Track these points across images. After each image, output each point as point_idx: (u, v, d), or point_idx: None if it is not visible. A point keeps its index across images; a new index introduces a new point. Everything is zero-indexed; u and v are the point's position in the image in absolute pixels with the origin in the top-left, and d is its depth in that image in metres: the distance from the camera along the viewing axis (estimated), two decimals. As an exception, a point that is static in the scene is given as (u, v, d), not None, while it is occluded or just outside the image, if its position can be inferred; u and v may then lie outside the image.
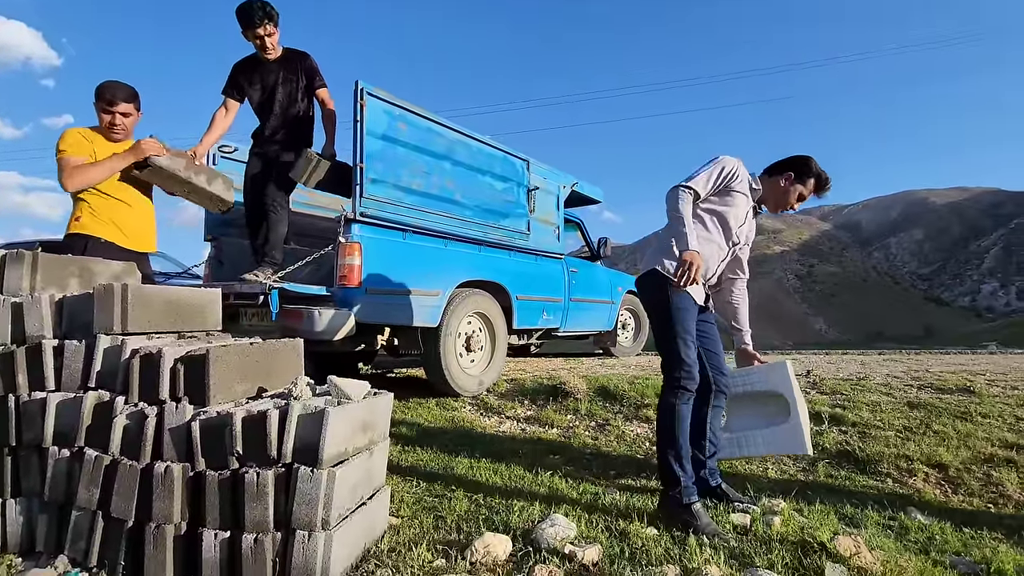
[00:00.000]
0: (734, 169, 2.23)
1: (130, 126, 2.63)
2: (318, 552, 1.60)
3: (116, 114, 2.55)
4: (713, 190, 2.21)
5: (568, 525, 1.98)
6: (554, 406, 3.59)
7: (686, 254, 1.99)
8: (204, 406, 1.77)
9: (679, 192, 2.11)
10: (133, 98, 2.61)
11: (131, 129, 2.65)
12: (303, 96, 3.31)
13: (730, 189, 2.23)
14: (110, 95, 2.54)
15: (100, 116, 2.58)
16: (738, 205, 2.24)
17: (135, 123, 2.66)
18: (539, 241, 4.50)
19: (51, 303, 2.00)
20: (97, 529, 1.76)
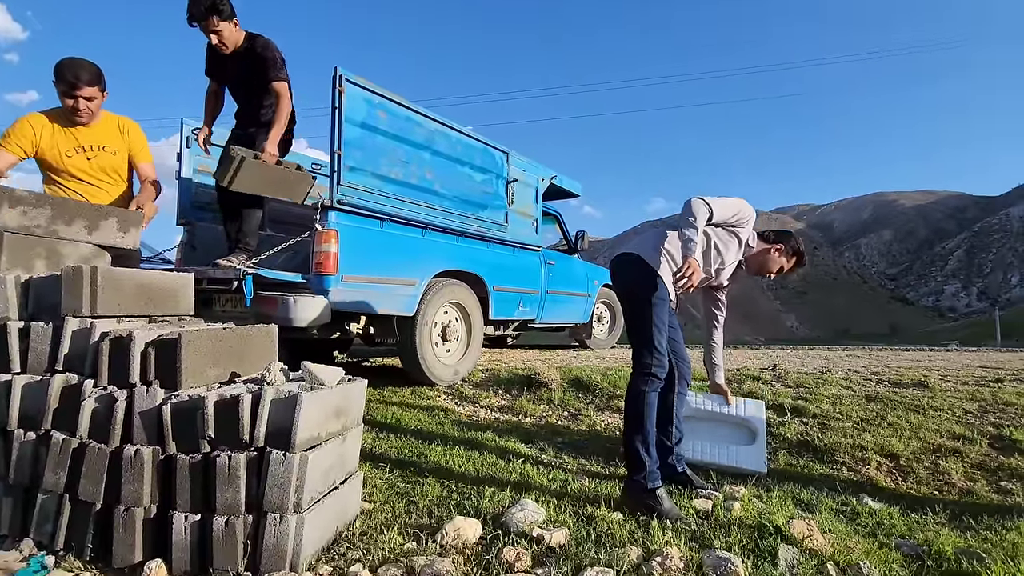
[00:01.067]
0: (748, 216, 2.38)
1: (95, 108, 2.51)
2: (289, 534, 1.62)
3: (79, 98, 2.41)
4: (724, 222, 2.35)
5: (537, 510, 2.03)
6: (528, 396, 3.65)
7: (692, 260, 2.09)
8: (176, 390, 1.77)
9: (701, 204, 2.22)
10: (97, 79, 2.46)
11: (96, 111, 2.54)
12: (263, 89, 3.11)
13: (735, 230, 2.38)
14: (72, 76, 2.38)
15: (62, 100, 2.43)
16: (732, 248, 2.39)
17: (100, 105, 2.55)
18: (517, 233, 4.54)
19: (16, 284, 1.97)
20: (64, 512, 1.75)
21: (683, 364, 2.48)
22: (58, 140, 2.43)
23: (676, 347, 2.46)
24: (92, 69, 2.44)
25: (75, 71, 2.39)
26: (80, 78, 2.40)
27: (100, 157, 2.55)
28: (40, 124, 2.43)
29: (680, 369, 2.47)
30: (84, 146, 2.50)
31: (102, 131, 2.58)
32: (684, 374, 2.50)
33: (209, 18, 2.86)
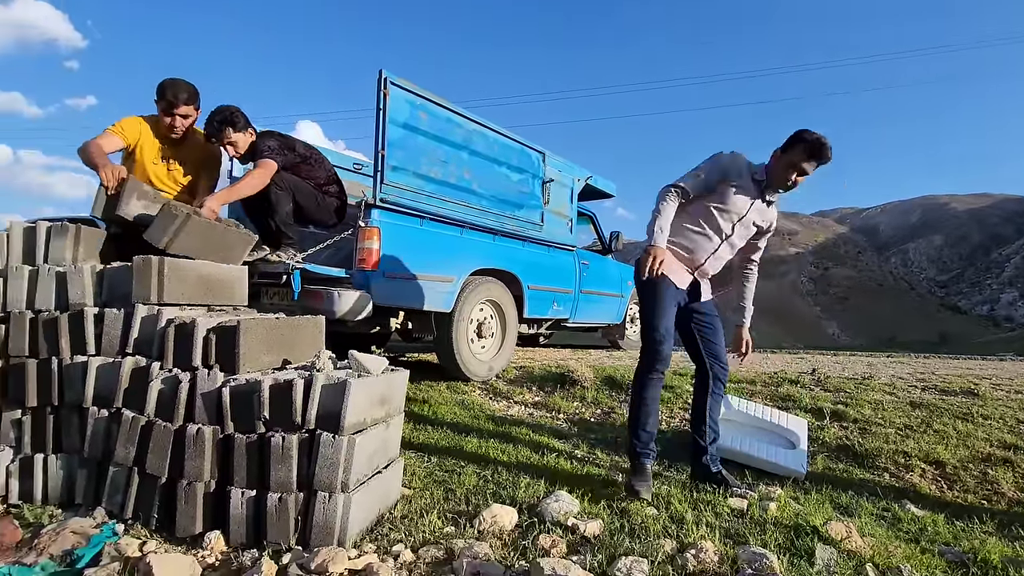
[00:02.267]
0: (726, 166, 2.34)
1: (189, 125, 2.70)
2: (337, 512, 1.72)
3: (177, 116, 2.59)
4: (704, 187, 2.33)
5: (572, 501, 2.08)
6: (561, 393, 3.69)
7: (650, 248, 2.19)
8: (234, 374, 1.89)
9: (665, 191, 2.30)
10: (194, 99, 2.64)
11: (189, 128, 2.72)
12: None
13: (725, 184, 2.33)
14: (172, 96, 2.56)
15: (162, 116, 2.62)
16: (732, 200, 2.33)
17: (193, 122, 2.73)
18: (552, 232, 4.58)
19: (92, 273, 2.13)
20: (133, 484, 1.89)
21: (717, 364, 2.47)
22: (155, 147, 2.61)
23: (710, 347, 2.47)
24: (190, 89, 2.63)
25: (175, 91, 2.58)
26: (179, 98, 2.58)
27: (178, 171, 2.73)
28: (144, 126, 2.63)
29: (714, 370, 2.46)
30: (169, 158, 2.68)
31: (188, 148, 2.78)
32: (719, 375, 2.47)
33: (223, 131, 2.83)
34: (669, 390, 3.63)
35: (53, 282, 2.14)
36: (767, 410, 2.98)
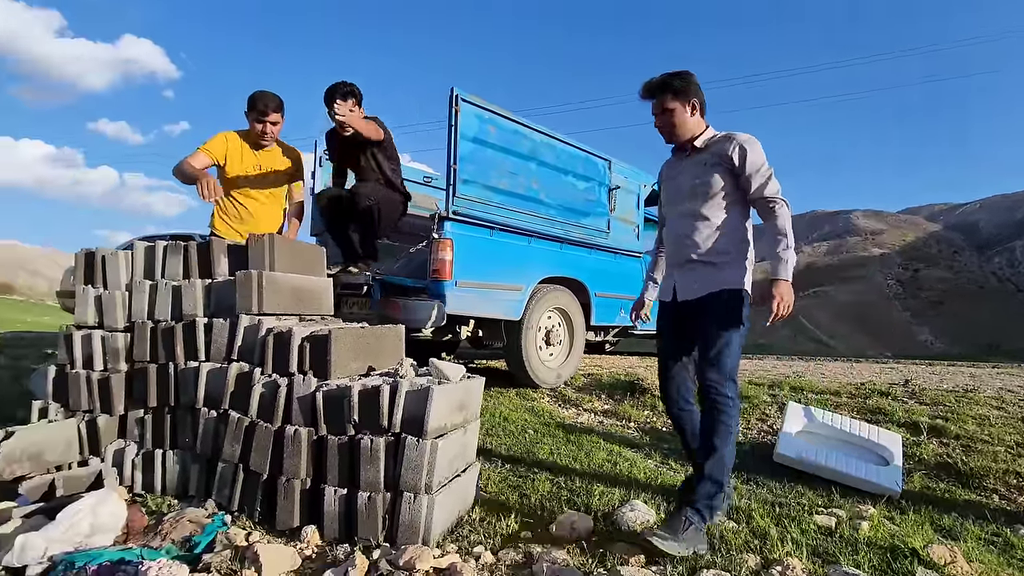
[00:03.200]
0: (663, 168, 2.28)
1: (276, 133, 2.94)
2: (422, 512, 1.80)
3: (267, 123, 2.85)
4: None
5: (647, 511, 2.07)
6: (631, 401, 3.65)
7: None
8: (326, 379, 2.04)
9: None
10: (280, 107, 2.89)
11: (277, 135, 2.96)
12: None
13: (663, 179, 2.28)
14: (263, 105, 2.82)
15: (252, 125, 2.87)
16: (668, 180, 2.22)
17: (279, 130, 2.97)
18: (619, 239, 4.56)
19: (202, 288, 2.35)
20: (238, 479, 2.07)
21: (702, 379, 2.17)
22: (244, 157, 2.86)
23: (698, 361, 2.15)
24: (277, 99, 2.88)
25: (265, 101, 2.83)
26: (268, 106, 2.84)
27: (267, 178, 2.97)
28: (232, 141, 2.88)
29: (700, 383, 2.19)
30: (261, 165, 2.93)
31: (276, 155, 3.01)
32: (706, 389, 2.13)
33: (349, 101, 3.04)
34: (745, 400, 3.51)
35: (169, 295, 2.39)
36: (855, 423, 2.82)
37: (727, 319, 1.98)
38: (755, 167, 1.98)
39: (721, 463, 1.94)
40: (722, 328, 1.97)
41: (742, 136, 2.01)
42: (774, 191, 1.97)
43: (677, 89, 2.02)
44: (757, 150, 2.00)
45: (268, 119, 2.85)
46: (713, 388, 1.96)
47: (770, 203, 1.97)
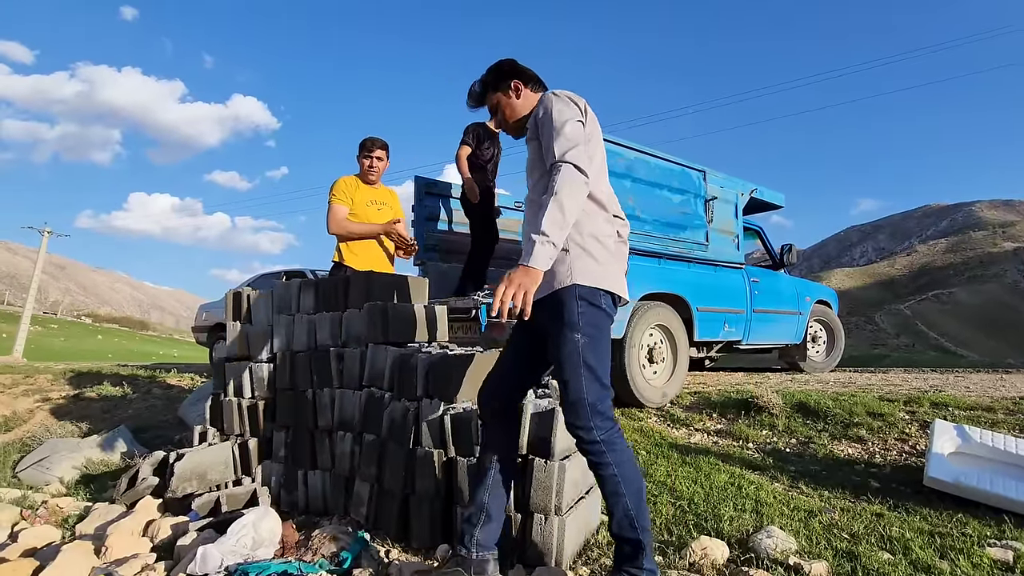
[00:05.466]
0: None
1: (382, 170, 3.28)
2: (553, 534, 1.82)
3: (373, 158, 3.21)
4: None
5: (786, 538, 1.95)
6: (746, 421, 3.47)
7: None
8: (451, 403, 2.13)
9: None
10: (385, 147, 3.26)
11: (382, 172, 3.30)
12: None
13: None
14: (369, 144, 3.22)
15: (361, 163, 3.24)
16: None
17: (385, 168, 3.30)
18: (718, 251, 4.40)
19: (333, 319, 2.56)
20: (374, 498, 2.20)
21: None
22: (362, 195, 3.17)
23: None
24: (381, 140, 3.27)
25: (372, 140, 3.24)
26: (375, 144, 3.23)
27: (384, 211, 3.22)
28: (349, 182, 3.23)
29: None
30: (375, 200, 3.21)
31: (383, 192, 3.31)
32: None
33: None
34: (879, 418, 3.23)
35: (305, 328, 2.62)
36: (1020, 443, 2.50)
37: (562, 333, 1.53)
38: (545, 126, 1.56)
39: (626, 519, 1.53)
40: (561, 345, 1.53)
41: (548, 94, 1.62)
42: (560, 151, 1.48)
43: (490, 82, 1.80)
44: (553, 105, 1.56)
45: (373, 154, 3.21)
46: (574, 435, 1.55)
47: (551, 168, 1.50)
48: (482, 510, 1.66)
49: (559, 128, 1.50)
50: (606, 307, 1.57)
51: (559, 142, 1.49)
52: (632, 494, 1.52)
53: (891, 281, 69.60)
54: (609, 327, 1.60)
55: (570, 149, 1.47)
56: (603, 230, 1.63)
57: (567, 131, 1.49)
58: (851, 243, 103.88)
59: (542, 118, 1.58)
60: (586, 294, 1.54)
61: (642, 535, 1.53)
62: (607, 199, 1.68)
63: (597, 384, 1.52)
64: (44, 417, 4.77)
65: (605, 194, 1.68)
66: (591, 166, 1.53)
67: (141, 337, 41.65)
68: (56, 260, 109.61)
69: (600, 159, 1.65)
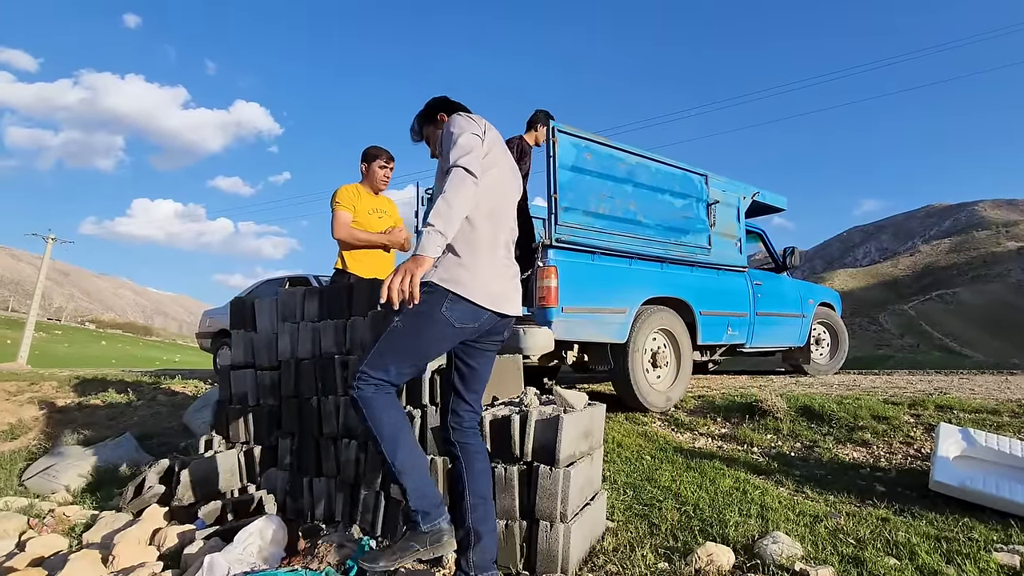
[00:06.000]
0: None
1: (389, 177, 3.30)
2: (559, 541, 1.82)
3: (389, 169, 3.25)
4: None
5: (792, 544, 1.95)
6: (751, 425, 3.47)
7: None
8: (456, 410, 2.13)
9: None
10: (391, 159, 3.29)
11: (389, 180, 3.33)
12: None
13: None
14: (387, 156, 3.26)
15: (374, 171, 3.22)
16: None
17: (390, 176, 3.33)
18: (721, 255, 4.40)
19: (338, 327, 2.57)
20: (380, 506, 2.20)
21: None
22: (364, 203, 3.18)
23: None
24: (389, 152, 3.30)
25: (388, 152, 3.28)
26: (390, 156, 3.28)
27: (384, 219, 3.23)
28: (354, 191, 3.22)
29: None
30: (376, 208, 3.22)
31: (383, 200, 3.32)
32: None
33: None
34: (884, 421, 3.22)
35: (309, 335, 2.63)
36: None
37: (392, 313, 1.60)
38: (445, 140, 1.66)
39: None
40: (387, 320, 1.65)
41: (455, 115, 1.72)
42: (454, 157, 1.57)
43: (422, 116, 1.94)
44: (455, 122, 1.67)
45: (390, 165, 3.26)
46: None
47: (445, 174, 1.59)
48: (470, 532, 1.65)
49: (456, 139, 1.60)
50: (446, 310, 1.58)
51: (454, 151, 1.58)
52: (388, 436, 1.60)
53: (894, 281, 69.39)
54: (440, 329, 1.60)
55: (463, 156, 1.56)
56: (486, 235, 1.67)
57: (462, 141, 1.59)
58: (854, 244, 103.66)
59: (444, 133, 1.68)
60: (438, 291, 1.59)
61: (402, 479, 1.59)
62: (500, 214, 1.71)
63: (380, 359, 1.59)
64: (50, 425, 4.79)
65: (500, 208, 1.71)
66: (483, 176, 1.60)
67: (145, 343, 41.78)
68: (60, 266, 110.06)
69: (495, 182, 1.68)
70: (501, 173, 1.72)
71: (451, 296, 1.58)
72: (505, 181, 1.74)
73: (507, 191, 1.76)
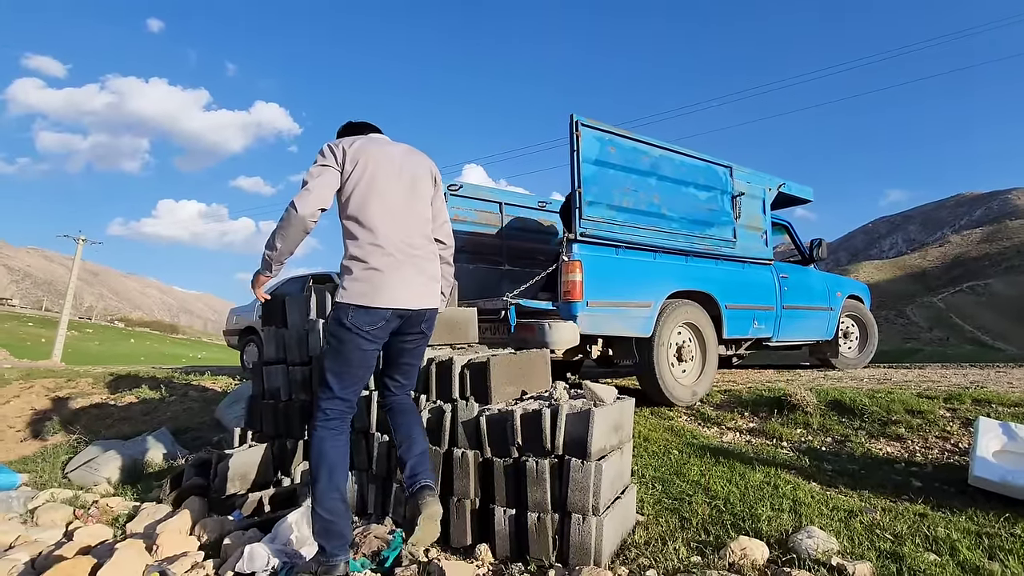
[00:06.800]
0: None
1: None
2: (592, 533, 1.83)
3: None
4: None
5: (827, 539, 1.93)
6: (779, 419, 3.43)
7: None
8: (487, 404, 2.16)
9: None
10: None
11: None
12: None
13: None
14: None
15: None
16: None
17: None
18: (746, 248, 4.34)
19: (367, 322, 2.60)
20: (412, 498, 2.23)
21: None
22: None
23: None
24: None
25: None
26: None
27: None
28: None
29: None
30: None
31: None
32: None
33: None
34: (919, 416, 3.16)
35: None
36: None
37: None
38: None
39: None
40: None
41: None
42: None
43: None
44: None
45: None
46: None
47: None
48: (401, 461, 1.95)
49: (303, 178, 1.89)
50: (349, 322, 1.83)
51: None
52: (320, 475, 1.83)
53: (923, 273, 67.61)
54: (351, 337, 1.84)
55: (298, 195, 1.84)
56: (361, 252, 1.86)
57: (303, 178, 1.88)
58: (880, 235, 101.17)
59: None
60: (337, 311, 1.87)
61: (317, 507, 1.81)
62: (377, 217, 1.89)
63: (321, 382, 1.92)
64: (88, 420, 4.95)
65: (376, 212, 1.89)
66: (317, 201, 1.83)
67: (172, 340, 42.79)
68: (90, 267, 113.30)
69: (363, 191, 1.88)
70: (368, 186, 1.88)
71: (350, 308, 1.83)
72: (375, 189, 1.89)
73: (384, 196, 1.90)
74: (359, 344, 1.84)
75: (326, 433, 1.87)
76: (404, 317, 1.89)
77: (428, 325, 1.99)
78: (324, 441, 1.86)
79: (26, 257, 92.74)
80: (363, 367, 1.91)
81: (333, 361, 1.89)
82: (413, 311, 1.90)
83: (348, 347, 1.85)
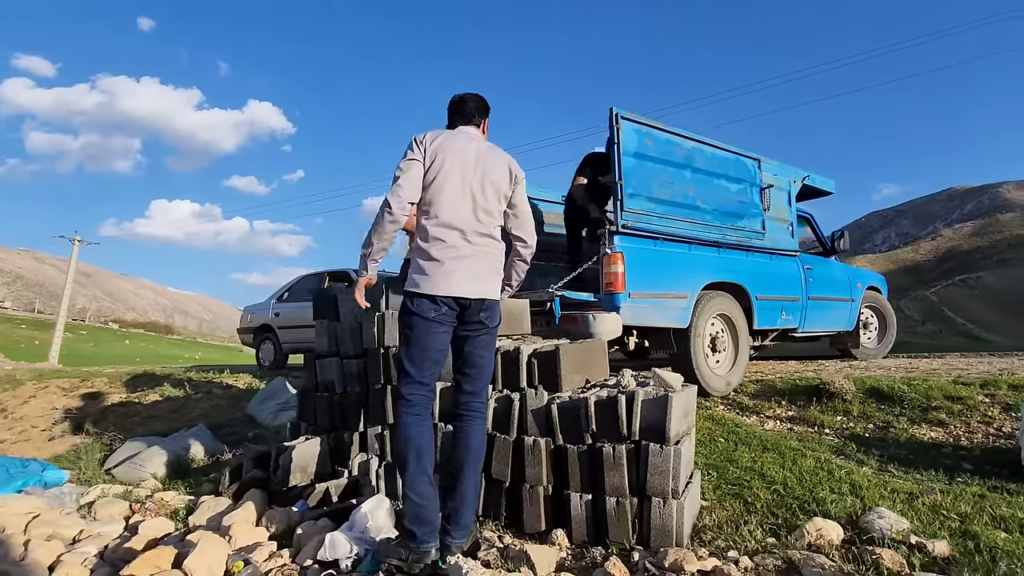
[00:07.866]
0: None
1: None
2: (673, 516, 1.87)
3: None
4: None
5: (898, 519, 1.97)
6: (818, 407, 3.48)
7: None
8: (556, 392, 2.18)
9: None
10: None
11: None
12: None
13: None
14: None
15: None
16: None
17: None
18: (774, 239, 4.39)
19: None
20: (481, 486, 2.26)
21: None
22: None
23: None
24: None
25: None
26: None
27: None
28: None
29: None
30: None
31: None
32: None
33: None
34: (958, 401, 3.21)
35: (395, 324, 2.69)
36: None
37: None
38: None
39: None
40: None
41: None
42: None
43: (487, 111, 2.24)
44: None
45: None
46: None
47: None
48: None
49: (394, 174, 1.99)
50: (415, 308, 1.94)
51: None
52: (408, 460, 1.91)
53: (916, 267, 68.16)
54: (419, 322, 1.94)
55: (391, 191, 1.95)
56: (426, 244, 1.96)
57: (395, 173, 1.97)
58: (872, 229, 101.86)
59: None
60: (404, 299, 1.99)
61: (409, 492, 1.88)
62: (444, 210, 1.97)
63: (400, 370, 2.00)
64: (115, 418, 4.94)
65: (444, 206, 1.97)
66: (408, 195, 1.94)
67: (167, 341, 42.54)
68: (83, 268, 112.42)
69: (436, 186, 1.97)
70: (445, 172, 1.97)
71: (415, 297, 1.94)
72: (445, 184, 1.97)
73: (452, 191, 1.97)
74: (428, 328, 1.93)
75: (410, 419, 1.93)
76: (463, 306, 1.95)
77: (488, 316, 2.01)
78: (409, 427, 1.91)
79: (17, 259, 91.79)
80: (435, 350, 1.97)
81: (407, 347, 1.98)
82: (471, 300, 1.95)
83: (417, 332, 1.94)
